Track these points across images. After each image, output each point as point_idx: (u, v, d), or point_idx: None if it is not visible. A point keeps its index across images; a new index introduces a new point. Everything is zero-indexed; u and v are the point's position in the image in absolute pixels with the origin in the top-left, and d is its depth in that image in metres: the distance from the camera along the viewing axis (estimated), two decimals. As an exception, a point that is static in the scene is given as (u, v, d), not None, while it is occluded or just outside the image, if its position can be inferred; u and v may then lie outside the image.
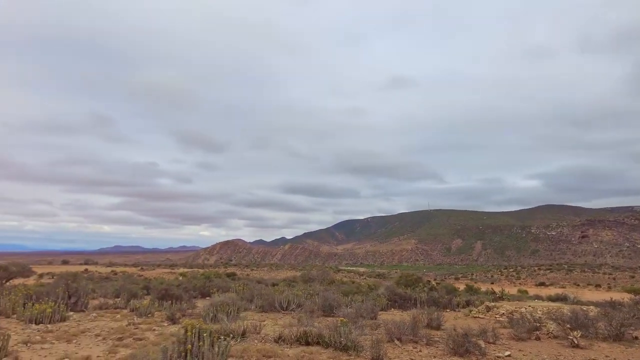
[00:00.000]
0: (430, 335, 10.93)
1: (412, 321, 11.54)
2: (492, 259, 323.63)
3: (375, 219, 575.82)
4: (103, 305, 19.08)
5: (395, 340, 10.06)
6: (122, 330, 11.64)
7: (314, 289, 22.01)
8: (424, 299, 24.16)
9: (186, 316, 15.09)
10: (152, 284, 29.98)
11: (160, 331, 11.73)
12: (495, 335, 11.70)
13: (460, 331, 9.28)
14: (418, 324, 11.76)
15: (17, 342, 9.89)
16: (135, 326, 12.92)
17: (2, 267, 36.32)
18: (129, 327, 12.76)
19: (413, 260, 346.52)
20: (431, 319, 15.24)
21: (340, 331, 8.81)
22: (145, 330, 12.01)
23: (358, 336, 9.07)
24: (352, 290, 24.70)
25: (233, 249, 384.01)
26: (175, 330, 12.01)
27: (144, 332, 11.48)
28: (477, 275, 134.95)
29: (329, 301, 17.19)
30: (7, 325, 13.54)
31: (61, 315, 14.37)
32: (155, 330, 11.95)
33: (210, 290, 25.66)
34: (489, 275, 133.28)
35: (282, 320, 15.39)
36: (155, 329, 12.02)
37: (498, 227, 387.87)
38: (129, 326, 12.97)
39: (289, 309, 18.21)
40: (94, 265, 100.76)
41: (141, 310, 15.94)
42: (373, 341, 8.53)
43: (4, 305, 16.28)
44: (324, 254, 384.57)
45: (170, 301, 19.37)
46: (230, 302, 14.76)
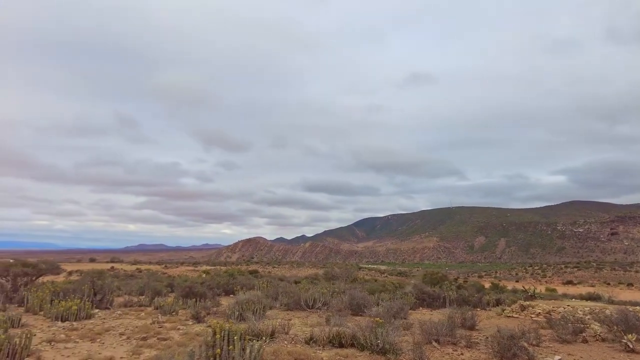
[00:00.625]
0: (468, 336, 10.22)
1: (448, 321, 10.84)
2: (516, 257, 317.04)
3: (396, 216, 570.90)
4: (128, 302, 18.98)
5: (433, 342, 9.41)
6: (146, 329, 11.33)
7: (339, 287, 21.46)
8: (453, 298, 23.35)
9: (211, 314, 14.74)
10: (176, 282, 29.98)
11: (185, 330, 11.37)
12: (537, 337, 10.90)
13: (505, 332, 8.55)
14: (454, 324, 11.05)
15: (41, 340, 9.68)
16: (160, 325, 12.62)
17: (32, 265, 37.02)
18: (153, 325, 12.47)
19: (435, 258, 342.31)
20: (465, 318, 14.50)
21: (377, 333, 8.21)
22: (169, 329, 11.67)
23: (395, 338, 8.44)
24: (378, 289, 24.04)
25: (254, 247, 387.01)
26: (201, 329, 11.64)
27: (169, 332, 11.14)
28: (501, 274, 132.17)
29: (357, 300, 16.60)
30: (33, 322, 13.46)
31: (86, 312, 14.23)
32: (180, 329, 11.60)
33: (234, 287, 25.39)
34: (514, 273, 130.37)
35: (309, 319, 14.89)
36: (180, 328, 11.67)
37: (522, 224, 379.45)
38: (154, 325, 12.68)
39: (315, 307, 17.71)
40: (120, 263, 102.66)
41: (165, 308, 15.70)
42: (413, 343, 7.91)
43: (32, 302, 16.33)
44: (345, 252, 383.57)
45: (194, 299, 19.14)
46: (256, 300, 14.33)
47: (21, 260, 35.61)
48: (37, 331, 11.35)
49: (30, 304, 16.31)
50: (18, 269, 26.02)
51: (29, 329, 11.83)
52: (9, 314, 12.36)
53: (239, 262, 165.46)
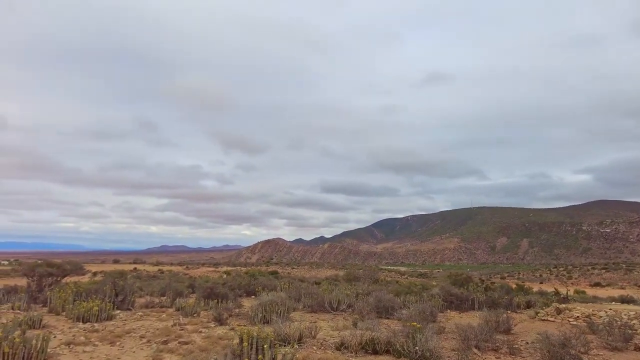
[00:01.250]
0: (510, 342, 9.45)
1: (486, 325, 10.08)
2: (539, 258, 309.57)
3: (416, 217, 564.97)
4: (149, 303, 18.73)
5: (472, 348, 8.68)
6: (167, 332, 10.91)
7: (363, 289, 20.78)
8: (482, 300, 22.41)
9: (233, 316, 14.29)
10: (197, 283, 29.78)
11: (207, 333, 10.90)
12: (585, 344, 10.03)
13: (557, 339, 7.78)
14: (491, 328, 10.27)
15: (60, 342, 9.35)
16: (181, 327, 12.20)
17: (57, 265, 37.50)
18: (174, 327, 12.06)
19: (456, 259, 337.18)
20: (499, 322, 13.66)
21: (416, 338, 7.54)
22: (191, 331, 11.23)
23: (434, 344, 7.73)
24: (403, 290, 23.25)
25: (274, 248, 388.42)
26: (223, 332, 11.17)
27: (190, 335, 10.69)
28: (525, 275, 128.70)
29: (384, 302, 15.90)
30: (55, 323, 13.23)
31: (107, 313, 13.97)
32: (201, 332, 11.15)
33: (256, 288, 24.97)
34: (537, 274, 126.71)
35: (335, 322, 14.28)
36: (202, 331, 11.22)
37: (545, 224, 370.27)
38: (175, 327, 12.28)
39: (339, 309, 17.09)
40: (142, 264, 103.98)
41: (187, 309, 15.32)
42: (453, 350, 7.22)
43: (55, 302, 16.20)
44: (363, 253, 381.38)
45: (216, 300, 18.77)
46: (279, 301, 13.80)
47: (47, 260, 36.10)
48: (57, 332, 11.07)
49: (53, 305, 16.20)
50: (43, 269, 26.23)
51: (49, 330, 11.57)
52: (31, 315, 12.16)
53: (259, 263, 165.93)
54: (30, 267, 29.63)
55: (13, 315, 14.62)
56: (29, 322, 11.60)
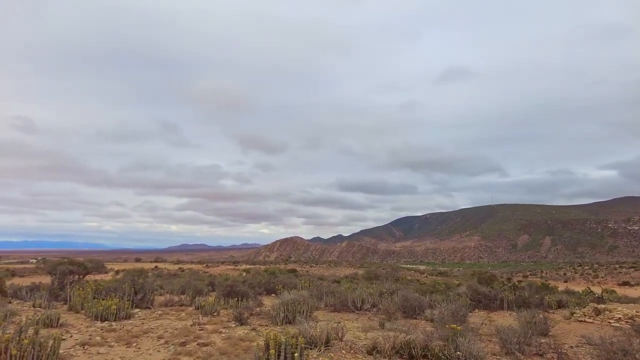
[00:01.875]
0: (555, 346, 8.63)
1: (526, 327, 9.28)
2: (562, 256, 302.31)
3: (435, 215, 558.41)
4: (169, 302, 18.38)
5: (516, 353, 7.91)
6: (186, 332, 10.43)
7: (386, 287, 20.05)
8: (511, 299, 21.43)
9: (254, 315, 13.77)
10: (217, 281, 29.49)
11: (228, 334, 10.37)
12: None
13: (619, 345, 6.95)
14: (532, 330, 9.45)
15: (76, 342, 8.95)
16: (201, 327, 11.72)
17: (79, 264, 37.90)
18: (193, 327, 11.58)
19: (476, 257, 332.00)
20: (535, 323, 12.78)
21: (458, 343, 6.82)
22: (211, 332, 10.72)
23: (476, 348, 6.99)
24: (428, 289, 22.44)
25: (292, 246, 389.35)
26: (244, 333, 10.63)
27: (210, 335, 10.17)
28: (548, 273, 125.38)
29: (410, 301, 15.15)
30: (73, 321, 12.93)
31: (126, 312, 13.61)
32: (222, 332, 10.62)
33: (276, 286, 24.47)
34: (561, 273, 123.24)
35: (360, 322, 13.62)
36: (222, 331, 10.70)
37: (569, 221, 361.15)
38: (194, 327, 11.81)
39: (363, 308, 16.42)
40: (163, 262, 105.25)
41: (206, 308, 14.87)
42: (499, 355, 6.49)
43: (74, 300, 15.97)
44: (382, 252, 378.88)
45: (236, 298, 18.33)
46: (302, 300, 13.21)
47: (69, 259, 36.44)
48: (74, 332, 10.71)
49: (73, 302, 15.97)
50: (65, 267, 26.31)
51: (66, 328, 11.24)
52: (49, 313, 11.85)
53: (277, 261, 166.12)
54: (53, 265, 29.86)
55: (33, 313, 14.44)
56: (47, 321, 11.30)
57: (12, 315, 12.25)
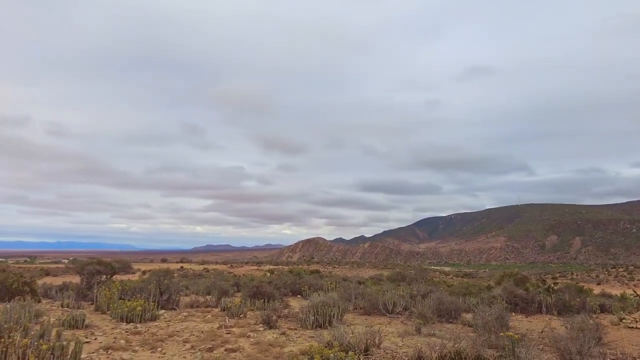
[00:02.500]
0: (622, 357, 7.73)
1: (581, 334, 8.39)
2: (593, 257, 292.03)
3: (459, 215, 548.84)
4: (194, 303, 18.07)
5: (577, 365, 7.08)
6: (212, 335, 9.95)
7: (417, 289, 19.22)
8: (551, 302, 20.27)
9: (281, 318, 13.21)
10: (242, 281, 29.18)
11: (256, 338, 9.84)
12: None
13: None
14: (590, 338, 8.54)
15: (100, 346, 8.57)
16: (228, 330, 11.24)
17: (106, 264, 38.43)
18: (220, 330, 11.12)
19: (502, 258, 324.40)
20: (585, 330, 11.77)
21: (518, 353, 6.05)
22: (238, 335, 10.21)
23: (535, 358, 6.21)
24: (460, 291, 21.47)
25: (314, 247, 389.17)
26: (273, 337, 10.08)
27: (238, 339, 9.66)
28: (579, 275, 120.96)
29: (445, 304, 14.32)
30: (99, 322, 12.68)
31: (151, 313, 13.29)
32: (250, 336, 10.10)
33: (301, 287, 23.95)
34: (593, 275, 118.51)
35: (393, 327, 12.91)
36: (250, 335, 10.18)
37: (600, 221, 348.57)
38: (221, 329, 11.34)
39: (395, 311, 15.67)
40: (189, 263, 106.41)
41: (233, 310, 14.42)
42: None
43: (101, 300, 15.80)
44: (405, 253, 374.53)
45: (262, 299, 17.87)
46: (331, 302, 12.58)
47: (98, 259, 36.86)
48: (99, 334, 10.39)
49: (99, 303, 15.81)
50: (92, 267, 26.46)
51: (91, 330, 10.94)
52: (74, 313, 11.59)
53: (300, 262, 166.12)
54: (81, 265, 30.14)
55: (61, 313, 14.29)
56: (72, 322, 11.03)
57: (39, 315, 12.06)
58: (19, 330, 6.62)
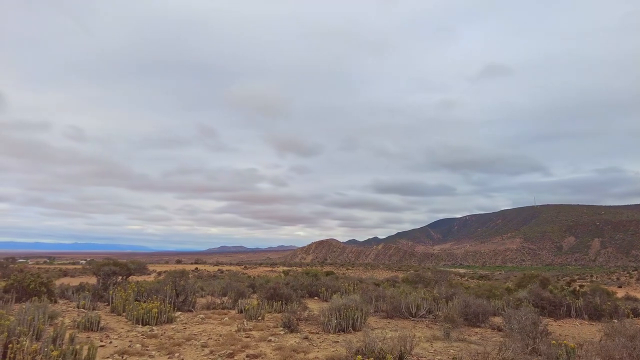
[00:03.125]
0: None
1: (629, 342, 7.70)
2: (613, 259, 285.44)
3: (474, 216, 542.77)
4: (210, 304, 17.70)
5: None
6: (232, 339, 9.50)
7: (440, 292, 18.54)
8: (580, 306, 19.41)
9: (301, 321, 12.71)
10: (257, 282, 28.79)
11: (278, 343, 9.35)
12: None
13: None
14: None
15: (115, 350, 8.18)
16: (247, 333, 10.78)
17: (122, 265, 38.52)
18: (239, 334, 10.66)
19: (518, 260, 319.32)
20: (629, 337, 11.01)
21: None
22: (258, 340, 9.74)
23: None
24: (483, 294, 20.68)
25: (327, 249, 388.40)
26: (296, 342, 9.58)
27: (258, 344, 9.18)
28: (599, 277, 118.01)
29: (472, 307, 13.65)
30: (115, 324, 12.34)
31: (167, 316, 12.91)
32: (271, 340, 9.61)
33: (319, 289, 23.43)
34: (614, 277, 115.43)
35: (419, 331, 12.29)
36: (271, 340, 9.69)
37: (620, 222, 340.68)
38: (239, 332, 10.89)
39: (418, 314, 15.04)
40: (203, 264, 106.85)
41: (250, 312, 13.97)
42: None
43: (117, 302, 15.50)
44: (420, 254, 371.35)
45: (279, 301, 17.42)
46: (354, 305, 12.03)
47: (114, 260, 36.87)
48: (114, 337, 10.02)
49: (115, 304, 15.51)
50: (108, 268, 26.34)
51: (106, 333, 10.59)
52: (89, 315, 11.26)
53: (313, 263, 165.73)
54: (98, 266, 30.09)
55: (76, 314, 14.03)
56: (87, 324, 10.69)
57: (54, 317, 11.76)
58: (28, 335, 6.23)
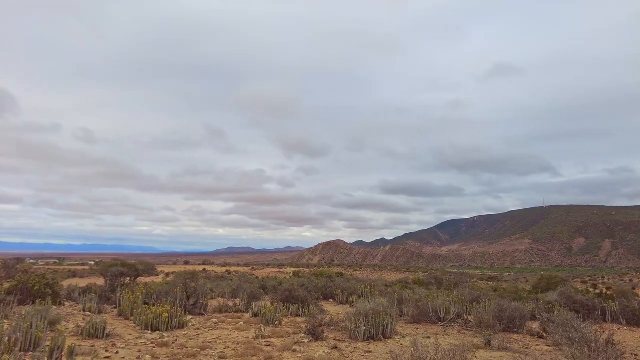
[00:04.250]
0: None
1: None
2: (625, 260, 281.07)
3: (483, 217, 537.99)
4: (222, 307, 16.77)
5: None
6: (251, 349, 8.52)
7: (465, 294, 17.42)
8: (617, 310, 18.18)
9: (323, 326, 11.67)
10: (269, 284, 27.83)
11: (304, 354, 8.34)
12: None
13: None
14: None
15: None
16: (266, 340, 9.80)
17: (130, 265, 37.77)
18: (258, 341, 9.68)
19: (527, 262, 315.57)
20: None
21: None
22: (281, 349, 8.74)
23: None
24: (508, 296, 19.53)
25: (335, 250, 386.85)
26: (324, 352, 8.56)
27: (282, 354, 8.19)
28: (611, 279, 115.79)
29: (508, 311, 12.55)
30: (122, 330, 11.41)
31: (178, 320, 11.95)
32: (296, 351, 8.61)
33: (334, 291, 22.44)
34: (627, 279, 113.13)
35: (452, 337, 11.23)
36: (296, 349, 8.69)
37: (632, 223, 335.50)
38: (258, 340, 9.90)
39: (447, 319, 13.96)
40: (211, 265, 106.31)
41: (267, 316, 12.97)
42: None
43: (124, 305, 14.54)
44: (427, 256, 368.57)
45: (296, 304, 16.45)
46: (381, 310, 10.99)
47: (122, 260, 36.05)
48: (121, 345, 9.09)
49: (122, 307, 14.57)
50: (115, 269, 25.48)
51: (112, 341, 9.66)
52: (94, 321, 10.30)
53: (321, 264, 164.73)
54: (105, 267, 29.24)
55: (82, 318, 13.13)
56: (91, 330, 9.76)
57: (55, 322, 10.85)
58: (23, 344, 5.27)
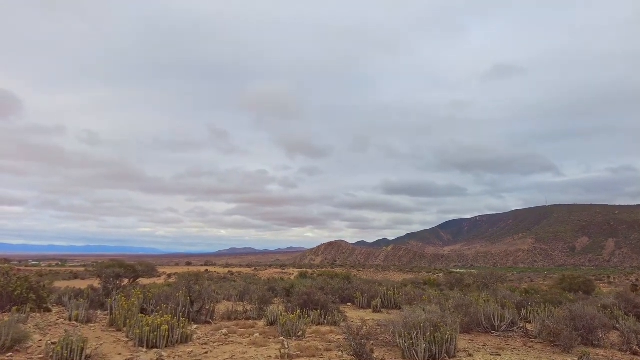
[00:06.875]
0: None
1: None
2: (628, 260, 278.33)
3: (485, 217, 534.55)
4: (231, 313, 14.45)
5: None
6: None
7: (513, 298, 15.11)
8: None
9: (365, 340, 9.33)
10: (279, 286, 25.48)
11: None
12: None
13: None
14: None
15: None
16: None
17: (128, 266, 35.46)
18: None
19: (530, 261, 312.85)
20: None
21: None
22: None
23: None
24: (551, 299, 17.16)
25: (337, 250, 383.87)
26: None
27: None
28: (616, 279, 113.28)
29: (586, 320, 10.22)
30: (110, 348, 9.13)
31: (181, 333, 9.62)
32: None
33: (353, 294, 20.14)
34: (632, 278, 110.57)
35: (524, 354, 8.91)
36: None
37: (636, 222, 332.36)
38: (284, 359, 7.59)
39: (500, 328, 11.65)
40: (213, 266, 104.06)
41: (288, 326, 10.64)
42: None
43: (117, 313, 12.14)
44: (430, 256, 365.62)
45: (316, 310, 14.18)
46: (437, 320, 8.67)
47: (118, 261, 33.54)
48: (105, 372, 6.77)
49: (115, 316, 12.19)
50: (111, 271, 23.08)
51: None
52: (69, 339, 7.81)
53: (323, 264, 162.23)
54: (101, 268, 26.74)
55: (64, 329, 10.78)
56: (64, 352, 7.40)
57: (25, 339, 8.54)
58: None
